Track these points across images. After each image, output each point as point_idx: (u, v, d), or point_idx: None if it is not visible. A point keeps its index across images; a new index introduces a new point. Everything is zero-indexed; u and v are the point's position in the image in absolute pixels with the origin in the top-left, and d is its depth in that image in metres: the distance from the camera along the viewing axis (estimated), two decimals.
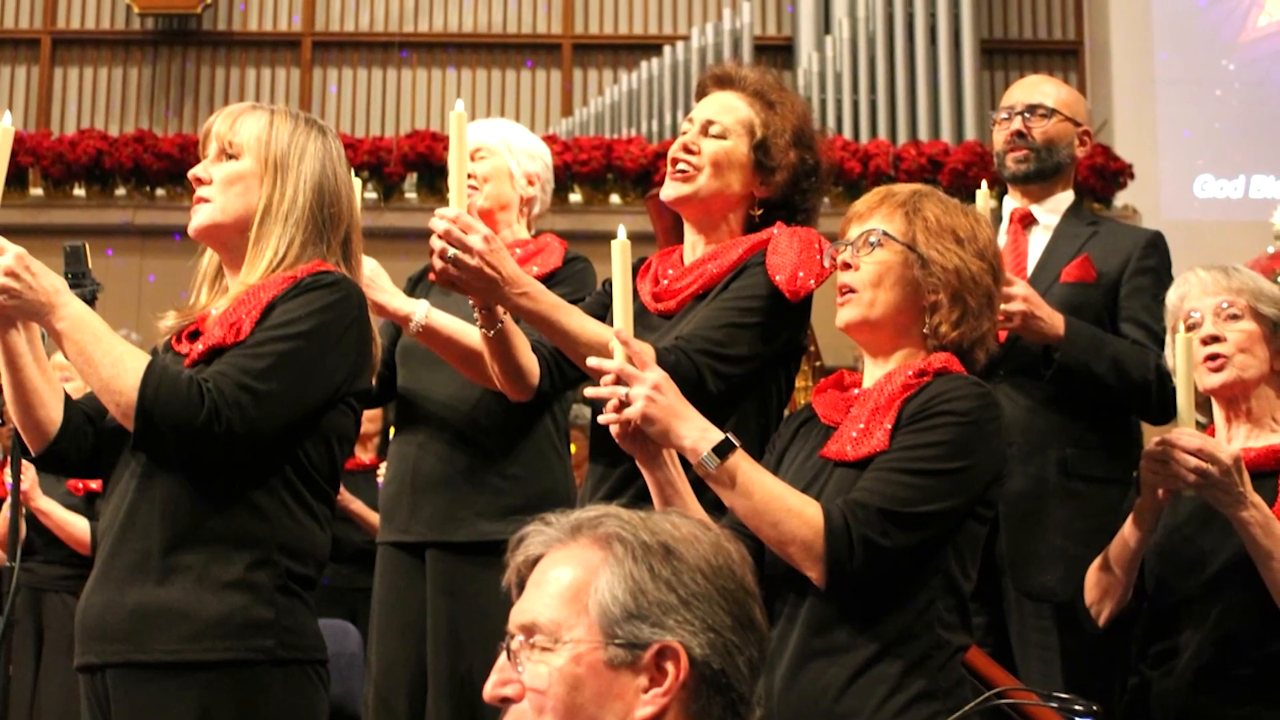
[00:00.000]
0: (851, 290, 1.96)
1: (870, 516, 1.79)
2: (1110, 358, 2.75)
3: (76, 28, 8.85)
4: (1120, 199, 8.04)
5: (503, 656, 1.32)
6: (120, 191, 7.89)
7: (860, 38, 8.57)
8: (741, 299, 2.26)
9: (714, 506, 1.87)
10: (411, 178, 7.93)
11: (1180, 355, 2.23)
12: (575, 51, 8.92)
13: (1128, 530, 2.28)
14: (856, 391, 2.00)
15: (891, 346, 1.97)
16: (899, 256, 1.95)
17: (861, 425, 1.90)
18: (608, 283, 2.34)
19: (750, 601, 1.33)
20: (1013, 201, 3.06)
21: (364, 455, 4.94)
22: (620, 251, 1.88)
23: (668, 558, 1.31)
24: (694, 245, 2.42)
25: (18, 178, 7.62)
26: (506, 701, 1.30)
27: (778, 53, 8.83)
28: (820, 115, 8.21)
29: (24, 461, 2.12)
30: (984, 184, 2.75)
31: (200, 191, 2.06)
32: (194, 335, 2.01)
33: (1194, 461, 2.14)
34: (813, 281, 2.24)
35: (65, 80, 8.81)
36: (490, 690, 1.32)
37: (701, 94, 2.47)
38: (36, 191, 7.89)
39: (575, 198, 7.86)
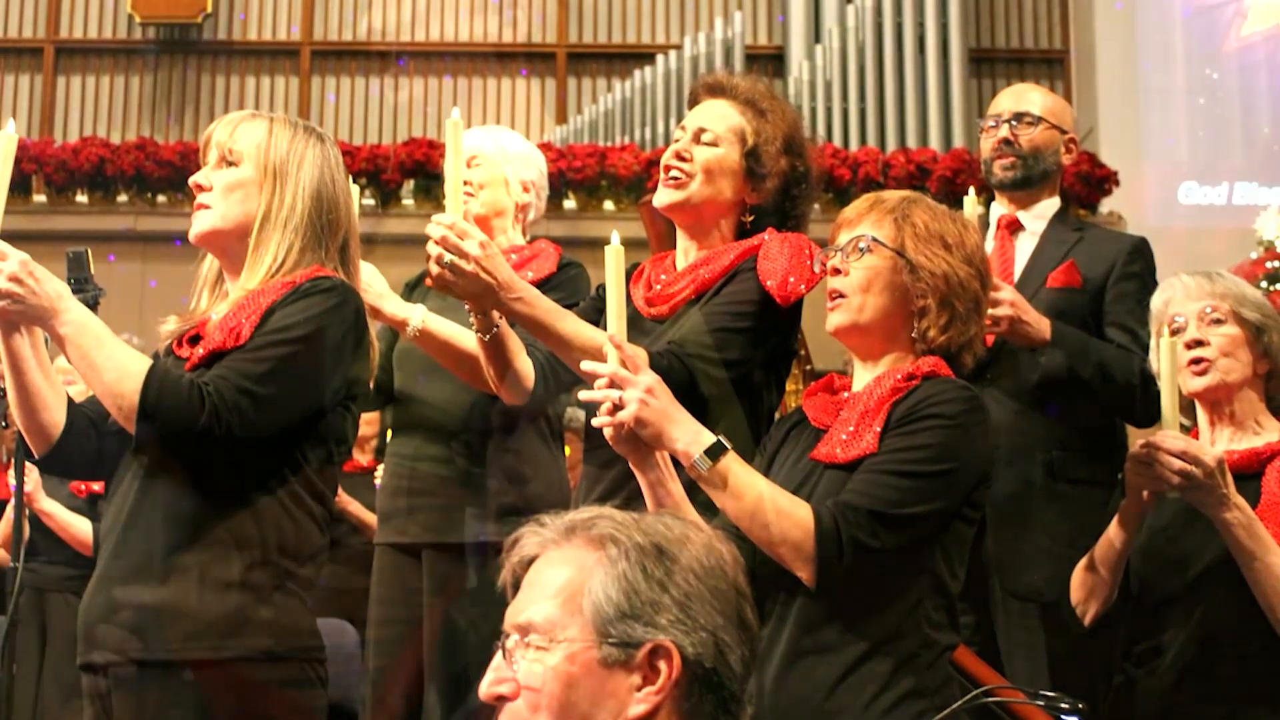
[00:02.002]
0: (841, 295, 1.98)
1: (859, 518, 1.80)
2: (1096, 362, 2.76)
3: (79, 37, 8.85)
4: (1105, 205, 8.05)
5: (498, 655, 1.33)
6: (122, 198, 7.89)
7: (850, 47, 8.59)
8: (733, 304, 2.27)
9: (706, 508, 1.88)
10: (408, 185, 7.94)
11: (1164, 359, 2.24)
12: (570, 60, 8.94)
13: (1113, 531, 2.29)
14: (846, 395, 2.01)
15: (880, 350, 1.99)
16: (888, 262, 1.96)
17: (851, 428, 1.91)
18: (601, 288, 2.36)
19: (742, 601, 1.35)
20: (1000, 208, 3.07)
21: (362, 458, 4.94)
22: (614, 257, 1.90)
23: (660, 558, 1.32)
24: (686, 251, 2.43)
25: (21, 185, 7.63)
26: (502, 700, 1.32)
27: (769, 61, 8.84)
28: (810, 123, 8.23)
29: (28, 464, 2.14)
30: (971, 191, 2.76)
31: (201, 198, 2.07)
32: (194, 339, 2.02)
33: (1178, 464, 2.15)
34: (803, 286, 2.25)
35: (68, 89, 8.81)
36: (486, 689, 1.33)
37: (694, 102, 2.49)
38: (40, 198, 7.90)
39: (569, 204, 7.87)
